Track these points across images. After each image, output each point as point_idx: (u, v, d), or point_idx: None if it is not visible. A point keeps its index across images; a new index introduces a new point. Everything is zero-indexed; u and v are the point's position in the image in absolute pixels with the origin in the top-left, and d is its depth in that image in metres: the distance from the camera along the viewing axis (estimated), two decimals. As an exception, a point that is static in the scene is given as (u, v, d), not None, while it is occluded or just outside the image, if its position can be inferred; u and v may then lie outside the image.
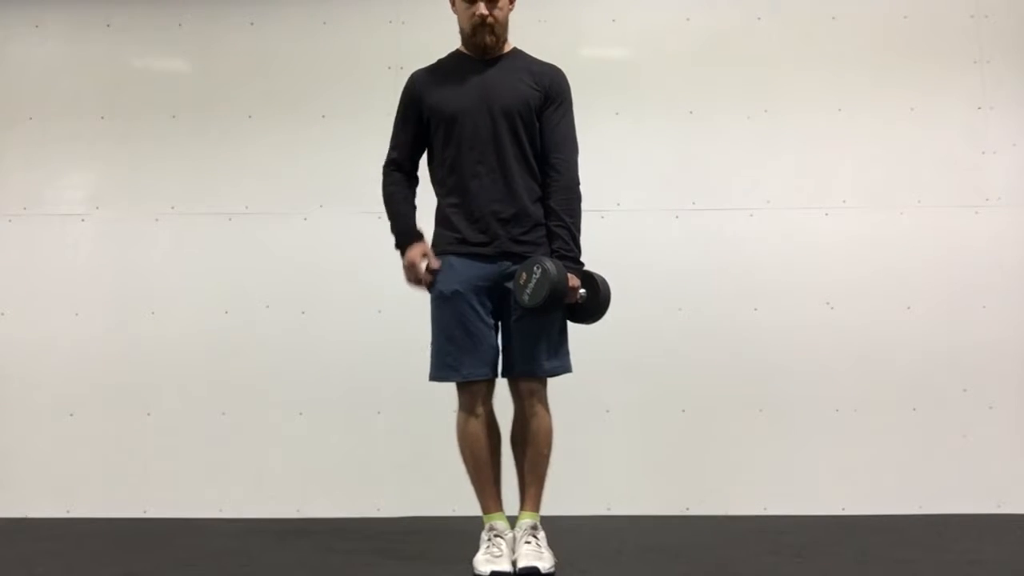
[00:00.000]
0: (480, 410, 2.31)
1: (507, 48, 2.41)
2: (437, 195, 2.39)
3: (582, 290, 2.27)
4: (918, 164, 3.23)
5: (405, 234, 2.36)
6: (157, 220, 3.28)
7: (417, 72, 2.41)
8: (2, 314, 3.27)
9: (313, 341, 3.19)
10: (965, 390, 3.15)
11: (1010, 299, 3.17)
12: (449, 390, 2.40)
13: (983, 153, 3.23)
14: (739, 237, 3.21)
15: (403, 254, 2.35)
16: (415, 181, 2.43)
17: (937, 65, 3.25)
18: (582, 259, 2.30)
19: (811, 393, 3.16)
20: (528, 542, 2.25)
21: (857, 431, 3.13)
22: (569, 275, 2.20)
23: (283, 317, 3.22)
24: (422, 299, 2.47)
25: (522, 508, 2.35)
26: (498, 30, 2.34)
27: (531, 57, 2.42)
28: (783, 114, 3.24)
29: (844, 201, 3.23)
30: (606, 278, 2.32)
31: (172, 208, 3.28)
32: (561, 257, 2.24)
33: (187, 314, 3.23)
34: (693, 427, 3.15)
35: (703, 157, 3.25)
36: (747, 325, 3.18)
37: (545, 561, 2.22)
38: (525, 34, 3.29)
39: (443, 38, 3.25)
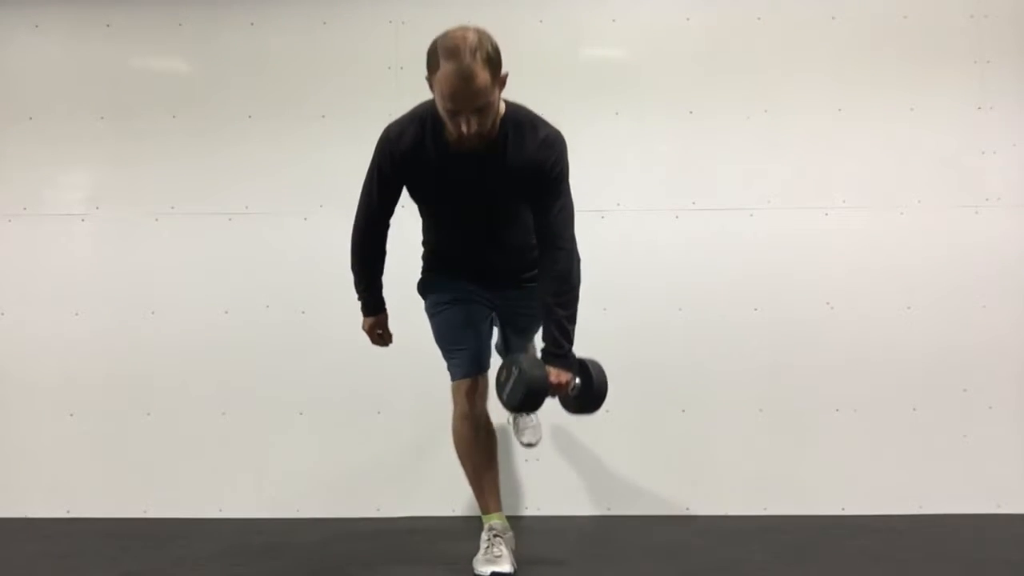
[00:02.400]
0: (475, 412, 2.32)
1: (498, 124, 2.09)
2: (423, 224, 2.38)
3: (576, 380, 2.16)
4: (918, 164, 3.23)
5: (366, 303, 2.38)
6: (157, 220, 3.28)
7: (394, 142, 2.14)
8: (2, 314, 3.27)
9: (313, 341, 3.19)
10: (965, 390, 3.15)
11: (1010, 299, 3.17)
12: (449, 389, 2.40)
13: (983, 153, 3.23)
14: (739, 237, 3.21)
15: (364, 315, 2.39)
16: (385, 235, 2.30)
17: (937, 65, 3.25)
18: (574, 351, 2.17)
19: (811, 393, 3.16)
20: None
21: (857, 431, 3.13)
22: (556, 371, 2.10)
23: (283, 317, 3.22)
24: (419, 299, 2.48)
25: None
26: (486, 133, 2.05)
27: (524, 126, 2.13)
28: (783, 114, 3.24)
29: (844, 201, 3.23)
30: (601, 364, 2.21)
31: (172, 208, 3.28)
32: (548, 354, 2.12)
33: (187, 314, 3.23)
34: (693, 427, 3.15)
35: (703, 157, 3.25)
36: (747, 325, 3.18)
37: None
38: (525, 34, 3.31)
39: (443, 38, 3.27)
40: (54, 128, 3.30)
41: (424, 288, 2.43)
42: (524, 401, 2.04)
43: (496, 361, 2.48)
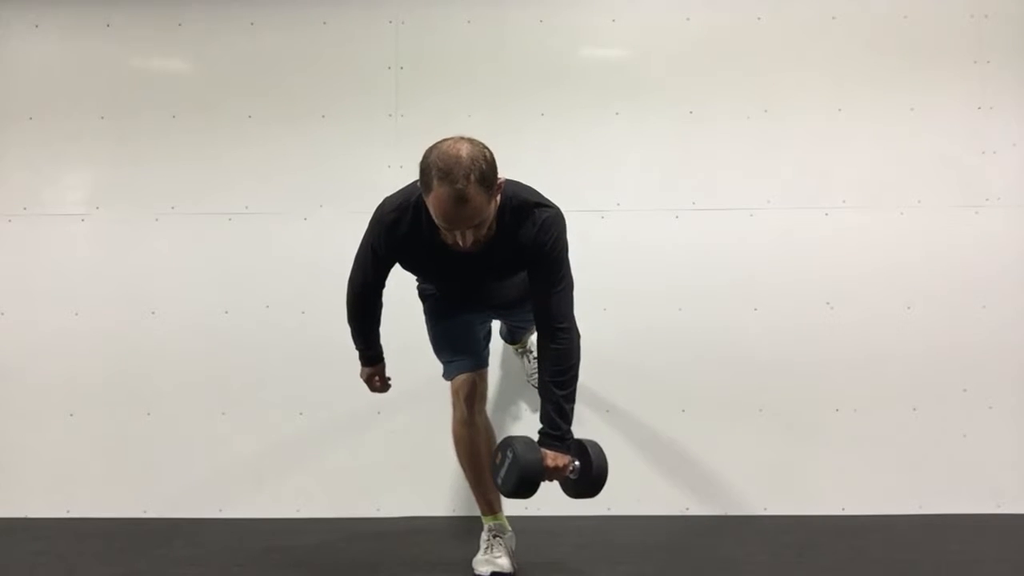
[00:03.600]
0: (474, 413, 2.32)
1: (494, 228, 2.06)
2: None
3: (576, 462, 2.11)
4: (918, 164, 3.23)
5: (363, 355, 2.39)
6: (157, 220, 3.28)
7: (389, 226, 2.11)
8: (2, 314, 3.27)
9: (313, 341, 3.19)
10: (965, 390, 3.15)
11: (1010, 299, 3.17)
12: (448, 389, 2.41)
13: (983, 153, 3.23)
14: (739, 237, 3.21)
15: (362, 365, 2.41)
16: (380, 302, 2.30)
17: (937, 65, 3.25)
18: (572, 432, 2.14)
19: (811, 393, 3.16)
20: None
21: (857, 431, 3.13)
22: (553, 454, 2.06)
23: (283, 317, 3.22)
24: (418, 302, 2.48)
25: None
26: (482, 239, 2.02)
27: (520, 212, 2.09)
28: (783, 114, 3.24)
29: (844, 201, 3.23)
30: (598, 444, 2.16)
31: (172, 208, 3.28)
32: (545, 436, 2.09)
33: (187, 314, 3.23)
34: (693, 427, 3.15)
35: (703, 157, 3.24)
36: (747, 325, 3.18)
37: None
38: (525, 34, 3.31)
39: (443, 38, 3.28)
40: (54, 128, 3.30)
41: (423, 294, 2.45)
42: (518, 487, 2.00)
43: (497, 360, 2.50)
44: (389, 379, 2.47)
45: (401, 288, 2.42)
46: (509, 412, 3.19)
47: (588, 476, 2.09)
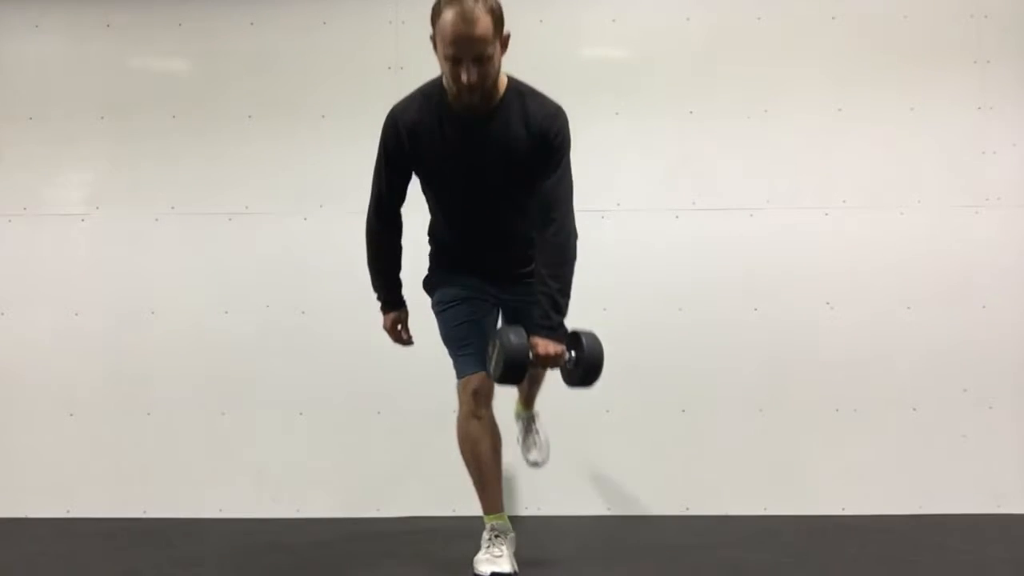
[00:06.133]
0: (480, 411, 2.31)
1: (500, 90, 2.12)
2: (431, 220, 2.39)
3: (571, 352, 2.10)
4: (918, 164, 3.23)
5: (385, 301, 2.39)
6: (157, 220, 3.28)
7: (399, 116, 2.17)
8: (2, 314, 3.27)
9: (313, 341, 3.19)
10: (965, 390, 3.15)
11: (1010, 299, 3.17)
12: (449, 390, 2.40)
13: (983, 153, 3.23)
14: (739, 237, 3.21)
15: (384, 313, 2.40)
16: (400, 228, 2.30)
17: (937, 65, 3.25)
18: (566, 323, 2.14)
19: (811, 393, 3.16)
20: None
21: (857, 431, 3.13)
22: (545, 342, 2.06)
23: (283, 317, 3.22)
24: (422, 300, 2.48)
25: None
26: (487, 89, 2.06)
27: (527, 96, 2.16)
28: (783, 114, 3.24)
29: (844, 201, 3.23)
30: (595, 334, 2.14)
31: (172, 208, 3.28)
32: (537, 326, 2.09)
33: (187, 314, 3.23)
34: (693, 427, 3.15)
35: (703, 157, 3.25)
36: (747, 325, 3.18)
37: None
38: (525, 34, 3.30)
39: (443, 38, 3.27)
40: (54, 128, 3.30)
41: (430, 285, 2.42)
42: (505, 373, 2.02)
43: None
44: (411, 335, 2.44)
45: (404, 287, 2.41)
46: (510, 411, 3.19)
47: (583, 363, 2.08)
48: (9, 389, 3.23)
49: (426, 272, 2.43)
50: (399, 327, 2.42)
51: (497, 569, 2.22)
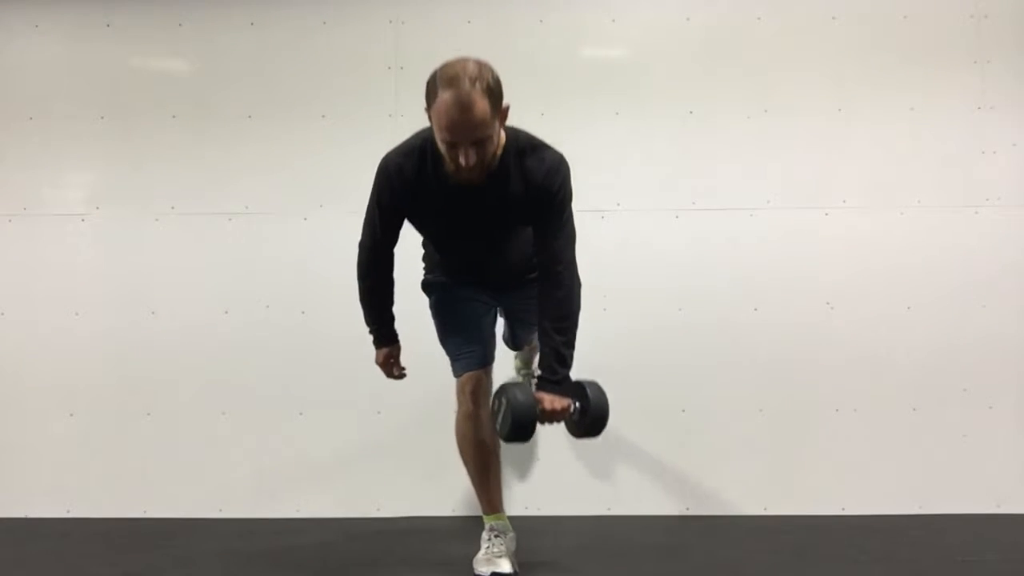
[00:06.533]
0: (479, 411, 2.32)
1: (499, 154, 2.04)
2: (422, 244, 2.40)
3: (576, 404, 2.07)
4: (918, 164, 3.23)
5: (378, 336, 2.38)
6: (157, 220, 3.28)
7: (393, 171, 2.10)
8: (2, 314, 3.27)
9: (313, 341, 3.19)
10: (965, 390, 3.15)
11: (1010, 299, 3.17)
12: (449, 390, 2.41)
13: (983, 153, 3.23)
14: (739, 237, 3.21)
15: (376, 348, 2.40)
16: (392, 265, 2.27)
17: (937, 65, 3.25)
18: (571, 375, 2.11)
19: (811, 393, 3.16)
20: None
21: (857, 431, 3.13)
22: (551, 397, 2.04)
23: (283, 317, 3.22)
24: (422, 299, 2.48)
25: None
26: (486, 165, 1.99)
27: (525, 153, 2.07)
28: (783, 114, 3.24)
29: (844, 201, 3.23)
30: (599, 384, 2.09)
31: (172, 208, 3.28)
32: (543, 380, 2.08)
33: (187, 314, 3.23)
34: (693, 427, 3.15)
35: (703, 157, 3.25)
36: (747, 325, 3.18)
37: None
38: (525, 34, 3.31)
39: (443, 38, 3.28)
40: (54, 128, 3.30)
41: (428, 287, 2.44)
42: (512, 432, 1.99)
43: (501, 355, 2.50)
44: (404, 368, 2.45)
45: (401, 288, 2.41)
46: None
47: (589, 415, 2.06)
48: (9, 389, 3.23)
49: (422, 274, 2.44)
50: (391, 361, 2.42)
51: (497, 569, 2.22)
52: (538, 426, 2.02)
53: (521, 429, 1.98)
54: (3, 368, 3.24)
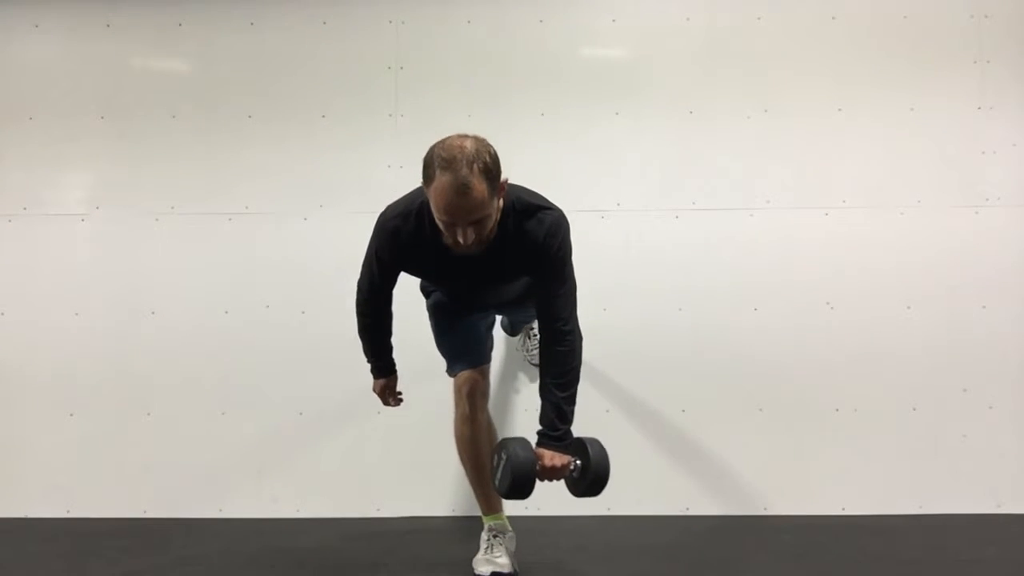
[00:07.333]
0: (476, 412, 2.32)
1: (495, 229, 2.02)
2: None
3: (577, 461, 2.07)
4: (918, 164, 3.23)
5: (375, 367, 2.42)
6: (157, 220, 3.28)
7: (391, 233, 2.10)
8: (2, 314, 3.27)
9: (313, 341, 3.19)
10: (965, 390, 3.15)
11: (1010, 299, 3.17)
12: (448, 390, 2.41)
13: (983, 153, 3.23)
14: (739, 237, 3.21)
15: (374, 378, 2.45)
16: (390, 302, 2.29)
17: (937, 65, 3.25)
18: (572, 431, 2.12)
19: (811, 393, 3.15)
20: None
21: (857, 431, 3.13)
22: (551, 453, 2.04)
23: (283, 317, 3.22)
24: (420, 300, 2.48)
25: None
26: (485, 239, 1.98)
27: (523, 215, 2.07)
28: (783, 114, 3.24)
29: (844, 201, 3.23)
30: (602, 444, 2.09)
31: (172, 208, 3.28)
32: (544, 436, 2.08)
33: (187, 314, 3.23)
34: (693, 427, 3.15)
35: (703, 157, 3.25)
36: (747, 325, 3.18)
37: None
38: (525, 34, 3.31)
39: (443, 38, 3.28)
40: (54, 128, 3.30)
41: (427, 288, 2.46)
42: (511, 489, 1.98)
43: (499, 356, 2.51)
44: (400, 394, 2.49)
45: (401, 288, 2.41)
46: (510, 411, 3.19)
47: (589, 474, 2.06)
48: (9, 389, 3.23)
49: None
50: (387, 391, 2.46)
51: (496, 569, 2.22)
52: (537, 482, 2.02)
53: (520, 487, 1.98)
54: (3, 368, 3.24)
